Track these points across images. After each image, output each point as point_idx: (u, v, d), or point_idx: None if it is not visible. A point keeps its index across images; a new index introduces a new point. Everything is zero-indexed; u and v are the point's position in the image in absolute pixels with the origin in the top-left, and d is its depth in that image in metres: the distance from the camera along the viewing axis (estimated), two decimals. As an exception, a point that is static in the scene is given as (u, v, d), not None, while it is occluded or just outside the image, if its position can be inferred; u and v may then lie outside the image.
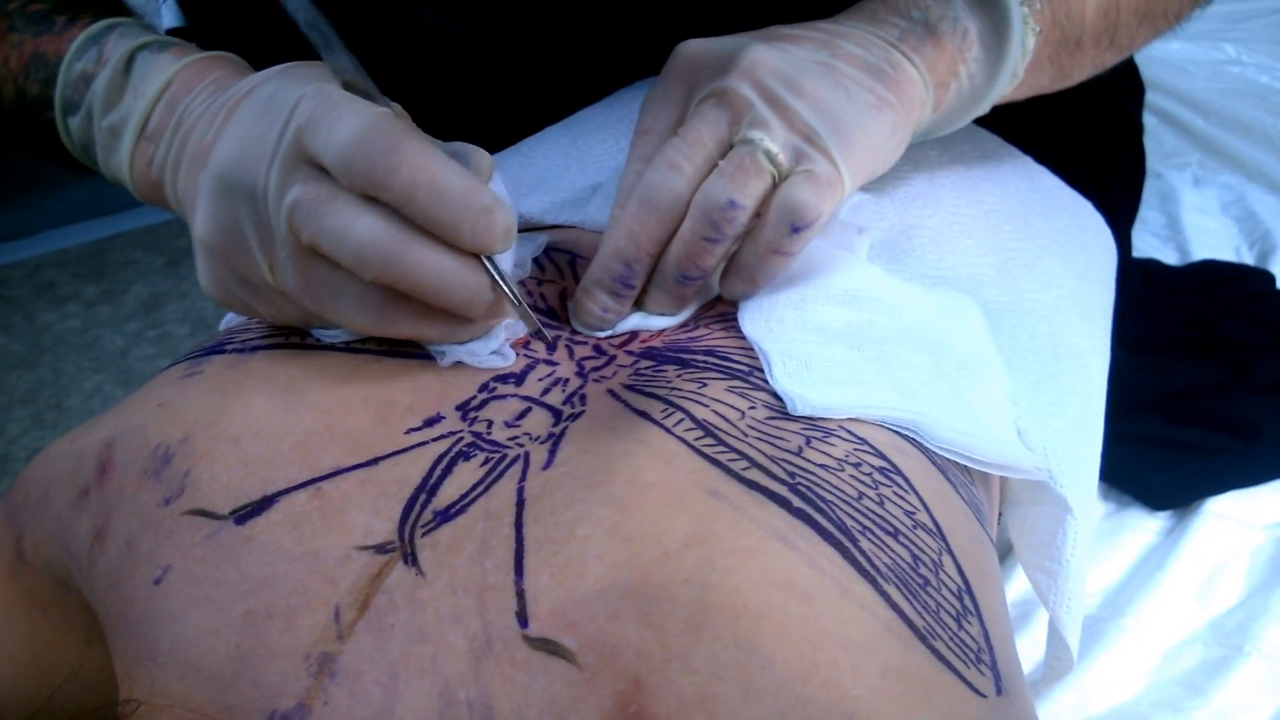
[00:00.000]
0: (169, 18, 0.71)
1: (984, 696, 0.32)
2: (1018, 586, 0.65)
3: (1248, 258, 0.94)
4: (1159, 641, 0.61)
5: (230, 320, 0.52)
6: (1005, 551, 0.66)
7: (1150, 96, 1.14)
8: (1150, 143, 1.10)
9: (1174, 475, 0.71)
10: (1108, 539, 0.69)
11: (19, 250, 2.02)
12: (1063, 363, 0.52)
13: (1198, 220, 0.98)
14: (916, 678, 0.31)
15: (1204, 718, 0.56)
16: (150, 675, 0.34)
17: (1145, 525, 0.70)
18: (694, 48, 0.46)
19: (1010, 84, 0.49)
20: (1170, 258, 0.95)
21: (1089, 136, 0.73)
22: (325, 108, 0.36)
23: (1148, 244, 0.96)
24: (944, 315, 0.48)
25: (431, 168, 0.36)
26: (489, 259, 0.39)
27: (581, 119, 0.66)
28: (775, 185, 0.43)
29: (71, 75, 0.49)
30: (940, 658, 0.32)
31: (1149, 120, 1.11)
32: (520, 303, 0.41)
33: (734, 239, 0.44)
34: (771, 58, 0.43)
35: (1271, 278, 0.88)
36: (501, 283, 0.40)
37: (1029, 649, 0.61)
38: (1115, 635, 0.61)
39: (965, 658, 0.33)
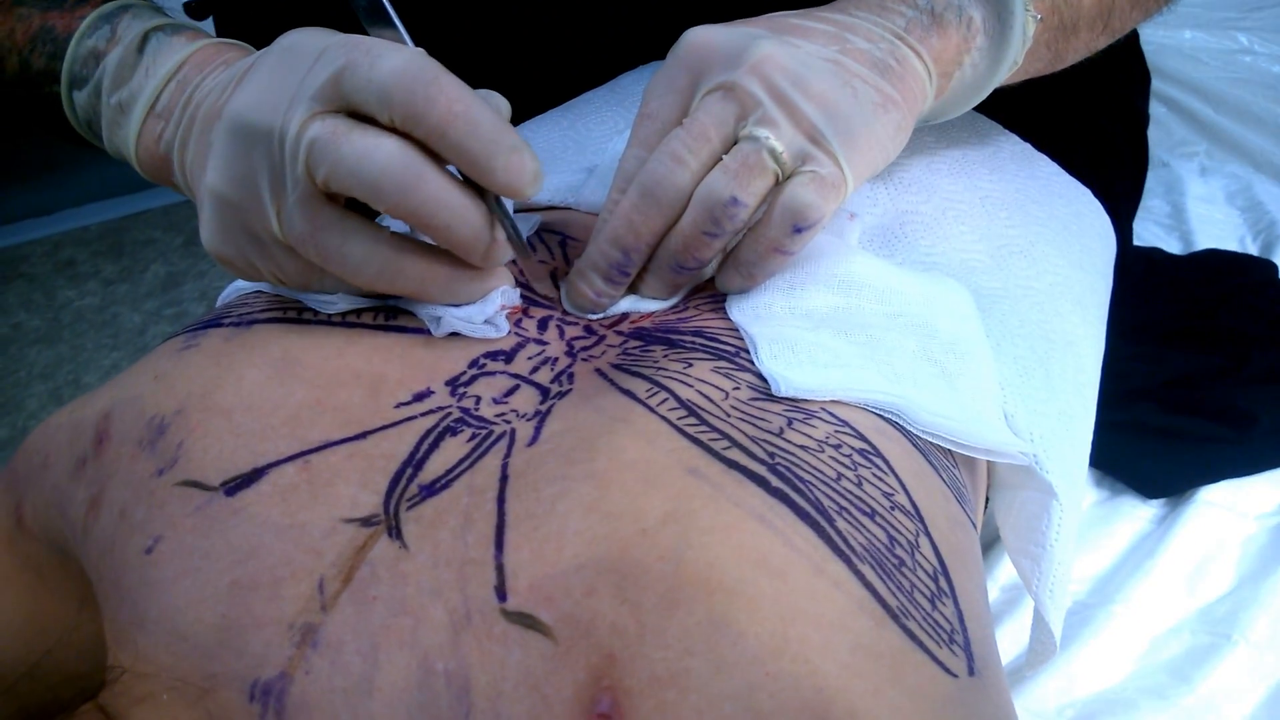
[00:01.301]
0: None
1: (955, 676, 0.33)
2: (1009, 571, 0.65)
3: (1252, 248, 0.94)
4: (1147, 628, 0.61)
5: (229, 295, 0.53)
6: (995, 537, 0.67)
7: (1160, 85, 1.14)
8: (1159, 132, 1.10)
9: (1168, 463, 0.71)
10: (1100, 526, 0.69)
11: (39, 228, 2.03)
12: (1053, 349, 0.52)
13: (1203, 210, 0.98)
14: (887, 655, 0.31)
15: (1190, 705, 0.56)
16: (135, 643, 0.35)
17: (1138, 513, 0.70)
18: (702, 36, 0.45)
19: (1010, 70, 0.49)
20: (1174, 247, 0.94)
21: (1090, 124, 0.73)
22: (362, 50, 0.37)
23: (1151, 233, 0.96)
24: (933, 300, 0.48)
25: (468, 100, 0.36)
26: (496, 198, 0.40)
27: (582, 101, 0.66)
28: (778, 183, 0.43)
29: (81, 51, 0.50)
30: (912, 637, 0.33)
31: (1157, 109, 1.11)
32: (521, 238, 0.42)
33: (732, 235, 0.44)
34: (781, 54, 0.43)
35: (1274, 268, 0.87)
36: (505, 221, 0.40)
37: (1018, 633, 0.61)
38: (1104, 621, 0.61)
39: (938, 637, 0.33)
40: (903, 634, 0.33)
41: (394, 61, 0.36)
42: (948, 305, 0.49)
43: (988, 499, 0.53)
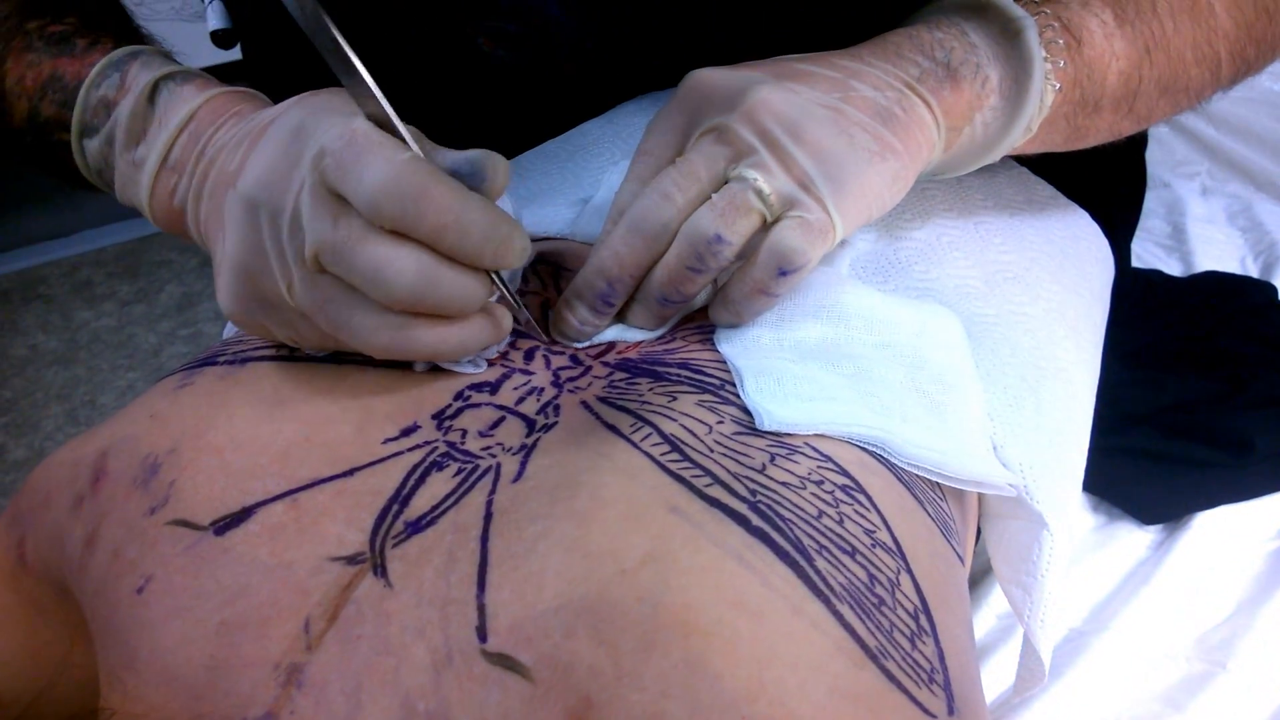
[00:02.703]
0: (214, 20, 0.72)
1: (933, 716, 0.33)
2: (1004, 600, 0.65)
3: (1252, 269, 0.93)
4: (1142, 656, 0.61)
5: (231, 330, 0.54)
6: (989, 566, 0.66)
7: None
8: (1160, 151, 1.09)
9: (1165, 489, 0.70)
10: (1096, 552, 0.69)
11: (57, 249, 2.05)
12: (1045, 377, 0.52)
13: (1203, 230, 0.97)
14: (864, 697, 0.32)
15: (1182, 734, 0.56)
16: (124, 684, 0.36)
17: (1135, 539, 0.70)
18: (703, 78, 0.46)
19: (1024, 137, 0.49)
20: (1174, 268, 0.94)
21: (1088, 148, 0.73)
22: (353, 152, 0.37)
23: (1151, 254, 0.96)
24: (923, 331, 0.48)
25: (456, 209, 0.37)
26: (497, 275, 0.41)
27: (579, 133, 0.67)
28: (765, 225, 0.43)
29: (91, 100, 0.50)
30: (890, 677, 0.33)
31: (1159, 129, 1.09)
32: (523, 309, 0.45)
33: (716, 271, 0.44)
34: (777, 99, 0.43)
35: (1273, 290, 0.87)
36: (509, 296, 0.43)
37: (1014, 661, 0.61)
38: (1098, 649, 0.61)
39: (917, 678, 0.33)
40: (881, 675, 0.33)
41: (380, 172, 0.36)
42: (938, 335, 0.49)
43: (980, 529, 0.53)
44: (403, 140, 0.38)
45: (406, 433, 0.41)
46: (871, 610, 0.34)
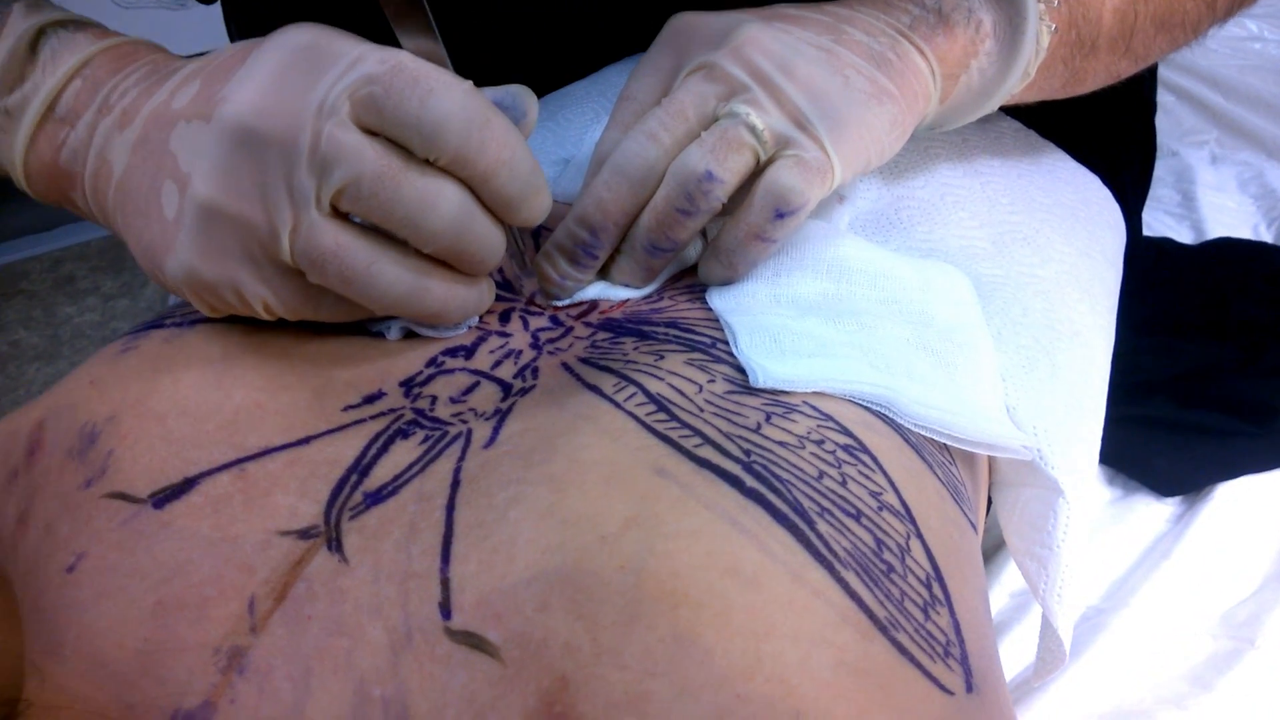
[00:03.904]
0: None
1: (951, 694, 0.30)
2: (1018, 576, 0.63)
3: (1266, 235, 0.92)
4: (1165, 634, 0.58)
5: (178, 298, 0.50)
6: (1001, 541, 0.64)
7: (1168, 74, 1.12)
8: (1168, 120, 1.08)
9: (1184, 459, 0.68)
10: (1113, 526, 0.66)
11: (40, 244, 2.03)
12: (1059, 339, 0.50)
13: (1214, 198, 0.96)
14: (873, 672, 0.29)
15: (1210, 714, 0.53)
16: (45, 672, 0.33)
17: (1153, 512, 0.67)
18: (688, 19, 0.44)
19: (1021, 82, 0.47)
20: (1185, 236, 0.92)
21: (1096, 112, 0.70)
22: (405, 78, 0.34)
23: (1162, 222, 0.94)
24: (929, 286, 0.46)
25: (513, 144, 0.36)
26: (514, 232, 0.42)
27: (562, 94, 0.64)
28: (759, 166, 0.41)
29: None
30: (902, 650, 0.30)
31: (1165, 98, 1.09)
32: (533, 275, 0.44)
33: (708, 214, 0.42)
34: (767, 37, 0.42)
35: (1290, 255, 0.85)
36: (522, 249, 0.43)
37: (1029, 642, 0.58)
38: (1118, 628, 0.58)
39: (931, 651, 0.31)
40: (892, 647, 0.30)
41: (448, 103, 0.34)
42: (945, 291, 0.46)
43: (990, 500, 0.50)
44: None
45: (370, 400, 0.39)
46: (880, 578, 0.32)
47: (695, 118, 0.42)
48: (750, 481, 0.33)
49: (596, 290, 0.45)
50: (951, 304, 0.46)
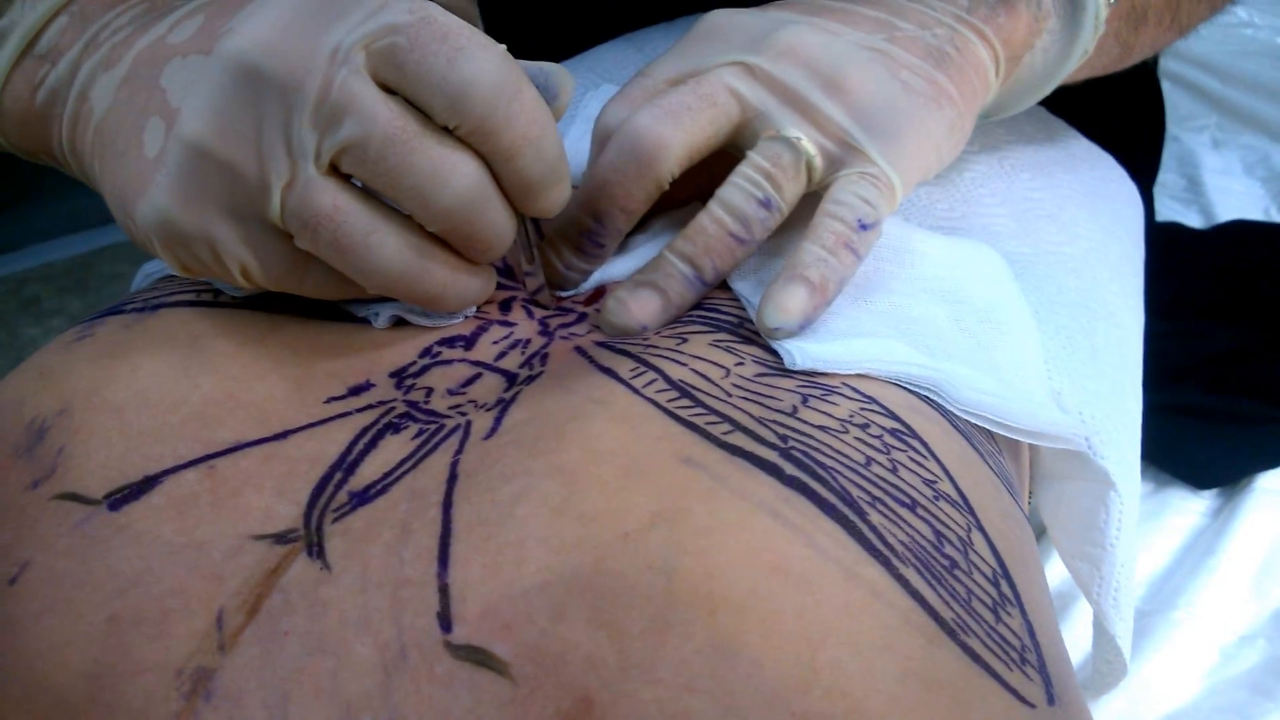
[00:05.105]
0: None
1: (1032, 706, 0.27)
2: (1051, 576, 0.59)
3: (1277, 218, 0.91)
4: (1215, 638, 0.55)
5: (141, 281, 0.45)
6: (1037, 536, 0.61)
7: (1162, 61, 1.12)
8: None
9: (1218, 449, 0.65)
10: (1149, 522, 0.63)
11: (3, 265, 2.00)
12: (1096, 320, 0.47)
13: (1220, 182, 0.95)
14: (945, 683, 0.26)
15: (1273, 724, 0.50)
16: None
17: (1189, 505, 0.64)
18: (723, 17, 0.41)
19: (1080, 61, 0.44)
20: (1193, 221, 0.91)
21: (1106, 91, 0.68)
22: (433, 33, 0.31)
23: (1168, 207, 0.93)
24: (962, 263, 0.43)
25: (542, 122, 0.33)
26: (526, 222, 0.38)
27: (598, 52, 0.62)
28: (811, 188, 0.39)
29: None
30: (975, 657, 0.27)
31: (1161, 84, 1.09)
32: (540, 274, 0.40)
33: (755, 246, 0.39)
34: (814, 41, 0.39)
35: (1309, 237, 0.83)
36: (534, 243, 0.39)
37: (1069, 646, 0.55)
38: (1165, 631, 0.55)
39: (1006, 657, 0.27)
40: (963, 654, 0.27)
41: (479, 65, 0.31)
42: (979, 269, 0.43)
43: (1030, 493, 0.47)
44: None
45: (356, 391, 0.35)
46: (942, 574, 0.28)
47: (726, 109, 0.39)
48: (790, 469, 0.29)
49: (595, 276, 0.41)
50: (986, 282, 0.42)
